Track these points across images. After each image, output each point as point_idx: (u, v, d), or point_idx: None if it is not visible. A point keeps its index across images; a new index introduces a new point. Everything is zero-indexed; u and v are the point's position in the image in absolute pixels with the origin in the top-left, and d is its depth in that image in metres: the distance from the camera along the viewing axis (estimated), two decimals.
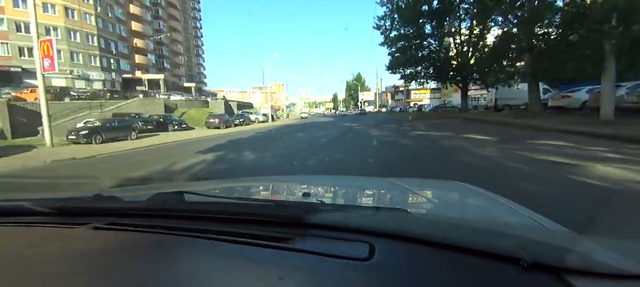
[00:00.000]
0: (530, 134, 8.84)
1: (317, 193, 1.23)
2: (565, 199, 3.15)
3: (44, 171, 7.74)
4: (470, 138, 8.88)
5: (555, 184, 3.78)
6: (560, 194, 3.39)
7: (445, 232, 0.60)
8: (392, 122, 21.16)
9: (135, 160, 8.88)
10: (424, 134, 10.82)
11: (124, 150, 11.70)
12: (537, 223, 0.81)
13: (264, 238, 0.64)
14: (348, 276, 0.52)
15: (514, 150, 6.37)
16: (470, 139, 8.63)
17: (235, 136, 15.46)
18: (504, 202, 1.03)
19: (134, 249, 0.67)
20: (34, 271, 0.59)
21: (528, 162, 5.14)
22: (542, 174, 4.29)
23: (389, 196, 1.30)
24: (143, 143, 14.34)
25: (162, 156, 9.38)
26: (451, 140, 8.77)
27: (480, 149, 6.78)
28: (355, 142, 10.12)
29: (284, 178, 2.32)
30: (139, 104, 26.24)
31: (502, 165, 5.14)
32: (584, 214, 2.60)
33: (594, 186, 3.53)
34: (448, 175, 4.49)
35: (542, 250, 0.54)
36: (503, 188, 3.39)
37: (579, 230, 0.76)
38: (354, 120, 26.63)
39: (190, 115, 30.09)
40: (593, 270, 0.48)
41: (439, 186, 1.51)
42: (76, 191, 3.87)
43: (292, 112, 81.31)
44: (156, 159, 8.72)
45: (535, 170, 4.56)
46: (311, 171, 5.59)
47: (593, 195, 3.29)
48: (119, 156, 10.08)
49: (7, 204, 0.97)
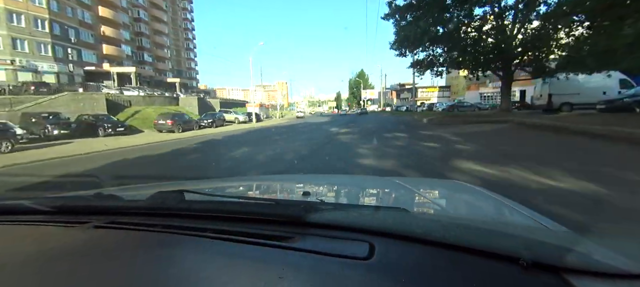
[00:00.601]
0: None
1: (317, 192, 1.23)
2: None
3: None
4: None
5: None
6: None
7: (445, 231, 0.60)
8: (399, 127, 15.02)
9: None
10: (492, 174, 4.37)
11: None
12: (537, 222, 0.81)
13: (264, 237, 0.64)
14: (348, 275, 0.52)
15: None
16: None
17: (163, 148, 11.29)
18: (504, 201, 1.03)
19: (134, 248, 0.67)
20: (34, 270, 0.59)
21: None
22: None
23: (389, 195, 1.29)
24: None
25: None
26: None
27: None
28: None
29: (284, 177, 2.51)
30: (69, 99, 20.15)
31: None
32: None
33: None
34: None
35: (542, 249, 0.54)
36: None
37: (579, 229, 0.73)
38: (349, 123, 21.22)
39: (147, 115, 23.97)
40: (593, 269, 0.48)
41: (440, 185, 1.50)
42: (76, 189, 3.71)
43: (292, 111, 78.44)
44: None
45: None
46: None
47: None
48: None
49: (7, 203, 0.97)
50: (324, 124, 22.07)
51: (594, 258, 0.52)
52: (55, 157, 9.51)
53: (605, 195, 3.14)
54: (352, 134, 11.99)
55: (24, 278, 0.56)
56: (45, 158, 9.31)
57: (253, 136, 14.33)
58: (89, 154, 10.21)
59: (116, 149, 11.59)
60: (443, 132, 10.90)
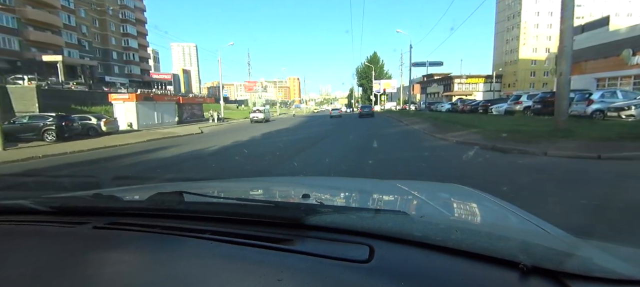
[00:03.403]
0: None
1: (316, 195, 1.19)
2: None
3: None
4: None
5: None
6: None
7: (444, 234, 0.60)
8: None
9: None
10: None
11: None
12: (537, 227, 0.81)
13: (263, 239, 0.64)
14: (347, 277, 0.51)
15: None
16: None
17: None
18: (504, 205, 1.02)
19: (133, 249, 0.67)
20: (34, 270, 0.58)
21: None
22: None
23: (388, 198, 1.27)
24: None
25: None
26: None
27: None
28: None
29: (284, 179, 2.37)
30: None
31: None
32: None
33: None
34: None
35: (542, 254, 0.54)
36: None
37: (579, 234, 0.74)
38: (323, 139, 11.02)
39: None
40: (593, 274, 0.48)
41: (440, 189, 1.48)
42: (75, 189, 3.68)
43: (298, 110, 73.21)
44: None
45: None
46: None
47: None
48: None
49: (7, 203, 0.96)
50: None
51: (593, 263, 0.52)
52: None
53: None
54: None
55: (24, 278, 0.56)
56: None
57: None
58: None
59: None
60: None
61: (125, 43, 49.99)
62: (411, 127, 14.83)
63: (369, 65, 55.97)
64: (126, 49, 50.21)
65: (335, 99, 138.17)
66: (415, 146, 8.95)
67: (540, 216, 0.88)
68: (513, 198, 3.02)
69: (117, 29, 48.71)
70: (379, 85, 52.13)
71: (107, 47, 46.63)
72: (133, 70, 51.50)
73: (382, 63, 58.79)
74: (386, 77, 56.55)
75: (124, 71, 50.11)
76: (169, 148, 10.82)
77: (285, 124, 22.47)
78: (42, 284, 0.54)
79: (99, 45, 45.80)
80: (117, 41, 48.76)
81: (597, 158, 5.61)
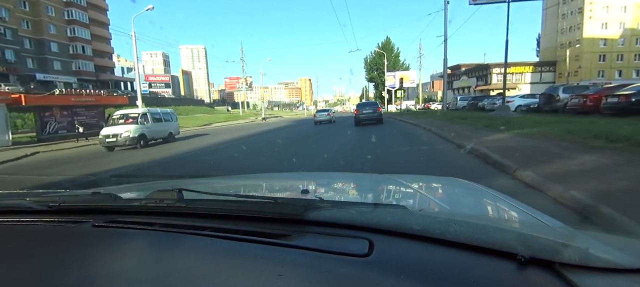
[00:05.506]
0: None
1: (315, 190, 1.22)
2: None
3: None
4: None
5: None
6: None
7: (443, 228, 0.60)
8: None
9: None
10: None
11: None
12: (534, 218, 0.81)
13: (263, 235, 0.64)
14: (347, 272, 0.52)
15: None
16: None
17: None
18: (501, 197, 1.03)
19: (133, 247, 0.67)
20: (34, 270, 0.58)
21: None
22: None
23: (387, 193, 1.27)
24: None
25: None
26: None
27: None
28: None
29: (283, 175, 2.41)
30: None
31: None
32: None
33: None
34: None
35: (539, 245, 0.54)
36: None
37: (576, 225, 0.70)
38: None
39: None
40: (590, 264, 0.48)
41: (438, 182, 1.49)
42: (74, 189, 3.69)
43: (299, 112, 67.41)
44: None
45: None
46: None
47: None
48: None
49: (7, 203, 0.95)
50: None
51: (591, 253, 0.52)
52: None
53: None
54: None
55: (24, 278, 0.55)
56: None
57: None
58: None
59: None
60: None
61: (71, 32, 40.38)
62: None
63: (381, 52, 42.75)
64: (72, 40, 40.55)
65: (348, 100, 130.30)
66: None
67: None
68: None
69: (58, 14, 39.12)
70: (393, 78, 39.28)
71: (41, 36, 37.01)
72: (83, 67, 41.76)
73: (397, 51, 45.83)
74: (402, 67, 43.74)
75: (71, 68, 40.46)
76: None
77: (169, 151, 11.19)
78: (42, 284, 0.54)
79: (29, 34, 36.14)
80: (59, 30, 39.14)
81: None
